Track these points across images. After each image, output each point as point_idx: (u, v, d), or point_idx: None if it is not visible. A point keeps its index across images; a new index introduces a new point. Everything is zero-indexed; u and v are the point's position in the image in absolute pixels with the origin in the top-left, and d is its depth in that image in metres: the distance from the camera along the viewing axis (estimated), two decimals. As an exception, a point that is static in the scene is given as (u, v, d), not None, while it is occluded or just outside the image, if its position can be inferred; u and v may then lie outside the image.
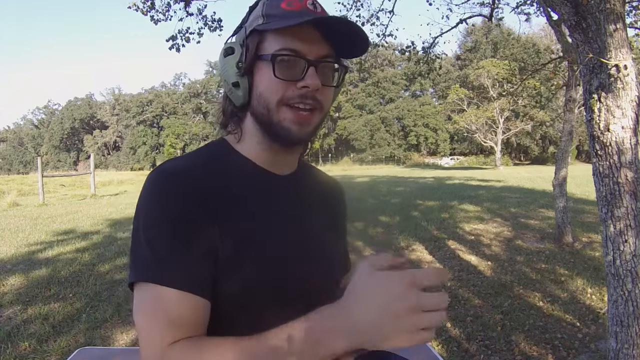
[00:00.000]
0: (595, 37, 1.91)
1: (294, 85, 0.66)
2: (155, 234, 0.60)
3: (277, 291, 0.67)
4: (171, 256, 0.59)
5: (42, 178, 11.38)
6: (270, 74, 0.66)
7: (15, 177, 31.13)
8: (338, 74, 0.72)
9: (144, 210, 0.63)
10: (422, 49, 7.03)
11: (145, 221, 0.62)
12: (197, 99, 58.40)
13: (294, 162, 0.79)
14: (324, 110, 0.71)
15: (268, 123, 0.69)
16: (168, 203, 0.62)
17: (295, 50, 0.66)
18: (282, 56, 0.65)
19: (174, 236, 0.60)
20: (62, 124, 60.93)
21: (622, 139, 1.87)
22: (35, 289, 4.00)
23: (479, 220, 7.28)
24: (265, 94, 0.67)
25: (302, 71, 0.66)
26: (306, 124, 0.68)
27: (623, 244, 1.90)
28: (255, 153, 0.73)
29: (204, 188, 0.65)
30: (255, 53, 0.68)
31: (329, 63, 0.69)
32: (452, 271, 4.50)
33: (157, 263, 0.59)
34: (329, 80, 0.70)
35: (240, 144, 0.74)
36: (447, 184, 15.23)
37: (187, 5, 5.33)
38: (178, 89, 63.01)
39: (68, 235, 6.63)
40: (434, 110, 47.04)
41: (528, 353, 2.74)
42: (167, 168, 0.66)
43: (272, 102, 0.67)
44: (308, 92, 0.66)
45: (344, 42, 0.68)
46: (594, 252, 4.95)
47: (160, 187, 0.64)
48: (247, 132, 0.74)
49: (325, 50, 0.68)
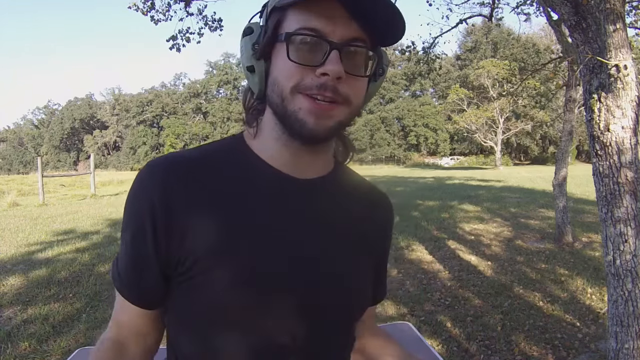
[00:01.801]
0: (595, 37, 1.91)
1: (313, 72, 0.55)
2: (124, 236, 0.61)
3: (241, 307, 0.58)
4: (127, 268, 0.61)
5: (42, 178, 11.37)
6: (285, 58, 0.56)
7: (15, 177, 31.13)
8: (371, 62, 0.59)
9: (125, 205, 0.62)
10: (422, 49, 7.03)
11: (123, 218, 0.62)
12: (197, 99, 58.42)
13: (323, 165, 0.67)
14: (352, 104, 0.58)
15: (282, 114, 0.58)
16: (139, 199, 0.59)
17: (316, 30, 0.55)
18: (298, 35, 0.55)
19: (136, 242, 0.59)
20: (62, 124, 60.95)
21: (622, 139, 1.87)
22: (35, 289, 4.00)
23: (479, 220, 7.28)
24: (278, 80, 0.57)
25: (324, 55, 0.55)
26: (325, 117, 0.56)
27: (623, 244, 1.90)
28: (270, 151, 0.63)
29: (182, 183, 0.58)
30: (274, 33, 0.58)
31: (358, 48, 0.57)
32: (452, 271, 4.50)
33: (118, 272, 0.63)
34: (357, 69, 0.57)
35: (256, 140, 0.65)
36: (447, 184, 15.23)
37: (187, 5, 5.34)
38: (178, 89, 63.05)
39: (68, 235, 6.63)
40: (434, 110, 47.07)
41: (528, 353, 2.74)
42: (154, 160, 0.61)
43: (286, 89, 0.56)
44: (328, 82, 0.55)
45: (378, 26, 0.56)
46: (594, 252, 4.95)
47: (137, 180, 0.60)
48: (264, 127, 0.64)
49: (354, 31, 0.56)
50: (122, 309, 0.64)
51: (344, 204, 0.68)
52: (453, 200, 9.88)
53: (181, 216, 0.57)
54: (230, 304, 0.57)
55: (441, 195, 11.07)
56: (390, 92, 50.75)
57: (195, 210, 0.58)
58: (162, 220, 0.57)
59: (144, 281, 0.60)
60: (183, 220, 0.57)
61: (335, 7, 0.54)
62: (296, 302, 0.60)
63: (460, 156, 46.17)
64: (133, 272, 0.61)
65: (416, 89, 51.96)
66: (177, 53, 5.63)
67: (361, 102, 0.61)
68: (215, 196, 0.59)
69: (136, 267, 0.60)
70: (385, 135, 48.48)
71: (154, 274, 0.59)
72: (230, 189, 0.60)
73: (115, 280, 0.63)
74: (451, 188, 13.48)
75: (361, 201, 0.72)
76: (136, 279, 0.60)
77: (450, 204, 9.38)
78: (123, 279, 0.62)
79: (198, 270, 0.57)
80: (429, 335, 3.02)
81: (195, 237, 0.57)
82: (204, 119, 56.86)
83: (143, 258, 0.59)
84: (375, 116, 48.57)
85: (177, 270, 0.58)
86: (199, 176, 0.60)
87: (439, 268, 4.63)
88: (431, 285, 4.10)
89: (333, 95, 0.55)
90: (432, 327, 3.14)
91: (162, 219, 0.57)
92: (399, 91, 51.98)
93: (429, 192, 12.18)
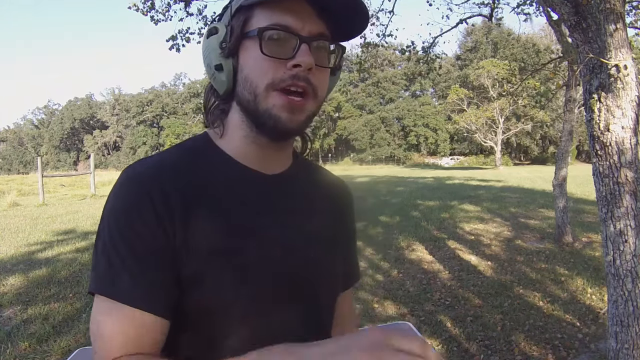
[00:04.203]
0: (595, 37, 1.91)
1: (284, 65, 0.58)
2: (109, 241, 0.56)
3: (242, 304, 0.59)
4: (123, 269, 0.55)
5: (42, 178, 11.38)
6: (257, 52, 0.58)
7: (15, 177, 31.15)
8: (335, 55, 0.64)
9: (105, 212, 0.59)
10: (422, 49, 7.03)
11: (104, 225, 0.58)
12: (197, 99, 58.31)
13: (286, 159, 0.70)
14: (318, 96, 0.62)
15: (254, 111, 0.60)
16: (125, 206, 0.57)
17: (286, 26, 0.58)
18: (270, 30, 0.58)
19: (126, 245, 0.55)
20: (62, 124, 60.94)
21: (622, 139, 1.87)
22: (35, 289, 4.00)
23: (479, 220, 7.28)
24: (251, 76, 0.59)
25: (294, 49, 0.58)
26: (298, 111, 0.59)
27: (623, 244, 1.90)
28: (239, 149, 0.65)
29: (173, 186, 0.58)
30: (242, 31, 0.60)
31: (324, 42, 0.61)
32: (452, 271, 4.50)
33: (110, 275, 0.55)
34: (323, 61, 0.62)
35: (223, 139, 0.66)
36: (447, 184, 15.23)
37: (187, 6, 5.34)
38: (178, 89, 63.05)
39: (68, 235, 6.63)
40: (434, 110, 47.07)
41: (528, 353, 2.74)
42: (130, 168, 0.61)
43: (260, 86, 0.59)
44: (300, 72, 0.58)
45: (341, 21, 0.61)
46: (594, 252, 4.95)
47: (119, 187, 0.59)
48: (231, 126, 0.65)
49: (320, 27, 0.60)
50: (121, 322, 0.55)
51: (309, 194, 0.72)
52: (453, 200, 9.88)
53: (169, 221, 0.57)
54: (221, 302, 0.58)
55: (441, 195, 11.07)
56: (390, 92, 50.72)
57: (179, 214, 0.58)
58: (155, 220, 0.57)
59: (148, 282, 0.56)
60: (171, 225, 0.57)
61: (303, 5, 0.58)
62: (287, 294, 0.63)
63: (460, 156, 46.16)
64: (133, 275, 0.55)
65: (416, 89, 51.92)
66: (177, 53, 5.64)
67: (325, 95, 0.64)
68: (196, 199, 0.60)
69: (138, 268, 0.56)
70: (385, 135, 48.47)
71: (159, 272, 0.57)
72: (207, 191, 0.61)
73: (109, 291, 0.55)
74: (451, 188, 13.48)
75: (323, 189, 0.76)
76: (139, 283, 0.56)
77: (450, 204, 9.38)
78: (123, 285, 0.55)
79: (188, 272, 0.57)
80: (429, 335, 3.02)
81: (184, 240, 0.57)
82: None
83: (146, 256, 0.56)
84: (375, 116, 48.56)
85: None
86: (176, 180, 0.60)
87: (439, 268, 4.63)
88: (431, 285, 4.10)
89: (306, 85, 0.59)
90: (432, 327, 3.14)
91: (154, 220, 0.57)
92: (399, 91, 51.96)
93: (429, 192, 12.18)
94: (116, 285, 0.54)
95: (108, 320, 0.55)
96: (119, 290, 0.54)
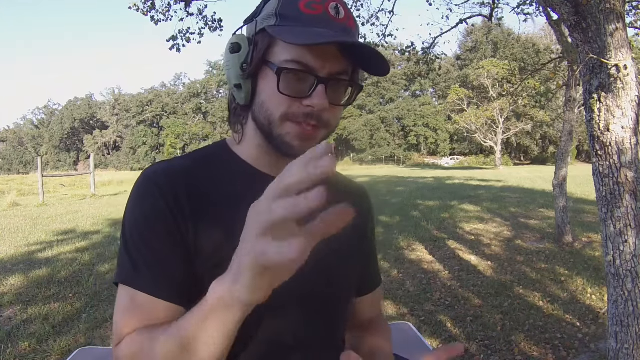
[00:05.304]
0: (595, 37, 1.90)
1: (299, 102, 0.61)
2: (132, 236, 0.62)
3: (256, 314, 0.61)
4: (145, 261, 0.60)
5: (42, 178, 11.37)
6: (274, 88, 0.60)
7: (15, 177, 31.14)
8: (351, 90, 0.66)
9: (126, 212, 0.64)
10: (421, 49, 7.03)
11: (126, 223, 0.63)
12: (197, 99, 58.40)
13: None
14: (330, 128, 0.65)
15: (268, 134, 0.64)
16: (143, 206, 0.62)
17: (307, 65, 0.59)
18: (289, 71, 0.59)
19: (148, 240, 0.61)
20: (62, 124, 60.95)
21: (622, 139, 1.87)
22: (35, 289, 4.00)
23: (479, 220, 7.28)
24: (267, 105, 0.62)
25: (311, 87, 0.60)
26: (310, 140, 0.62)
27: (623, 244, 1.90)
28: (254, 156, 0.69)
29: (185, 189, 0.63)
30: (263, 57, 0.62)
31: (341, 80, 0.63)
32: (452, 271, 4.50)
33: (133, 267, 0.61)
34: (338, 99, 0.64)
35: (240, 145, 0.71)
36: (447, 184, 15.23)
37: (187, 6, 5.33)
38: (178, 89, 63.02)
39: (68, 235, 6.63)
40: (434, 110, 47.08)
41: (528, 353, 2.74)
42: (149, 170, 0.66)
43: (275, 115, 0.62)
44: (313, 112, 0.61)
45: (363, 62, 0.62)
46: (594, 252, 4.95)
47: (137, 189, 0.64)
48: (248, 134, 0.70)
49: (340, 66, 0.61)
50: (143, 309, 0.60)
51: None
52: (453, 200, 9.88)
53: (182, 221, 0.61)
54: None
55: (441, 195, 11.07)
56: (390, 92, 50.74)
57: (190, 217, 0.62)
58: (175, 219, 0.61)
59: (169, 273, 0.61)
60: (184, 225, 0.61)
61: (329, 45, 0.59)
62: (295, 302, 0.64)
63: (460, 156, 46.17)
64: (154, 266, 0.60)
65: (416, 89, 51.94)
66: (177, 53, 5.63)
67: (337, 123, 0.68)
68: (214, 202, 0.64)
69: (158, 260, 0.61)
70: (385, 135, 48.48)
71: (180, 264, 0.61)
72: (225, 194, 0.65)
73: (132, 281, 0.60)
74: (451, 188, 13.48)
75: (340, 195, 0.74)
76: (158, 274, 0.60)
77: (450, 204, 9.38)
78: (145, 276, 0.60)
79: (206, 271, 0.60)
80: (429, 335, 3.02)
81: (193, 241, 0.61)
82: (204, 119, 56.82)
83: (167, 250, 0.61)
84: (375, 116, 48.57)
85: None
86: (196, 184, 0.64)
87: (439, 268, 4.63)
88: (431, 285, 4.10)
89: (317, 123, 0.62)
90: (432, 327, 3.14)
91: (174, 219, 0.61)
92: (399, 91, 51.98)
93: (429, 192, 12.18)
94: (135, 276, 0.60)
95: (127, 304, 0.60)
96: (137, 280, 0.60)
